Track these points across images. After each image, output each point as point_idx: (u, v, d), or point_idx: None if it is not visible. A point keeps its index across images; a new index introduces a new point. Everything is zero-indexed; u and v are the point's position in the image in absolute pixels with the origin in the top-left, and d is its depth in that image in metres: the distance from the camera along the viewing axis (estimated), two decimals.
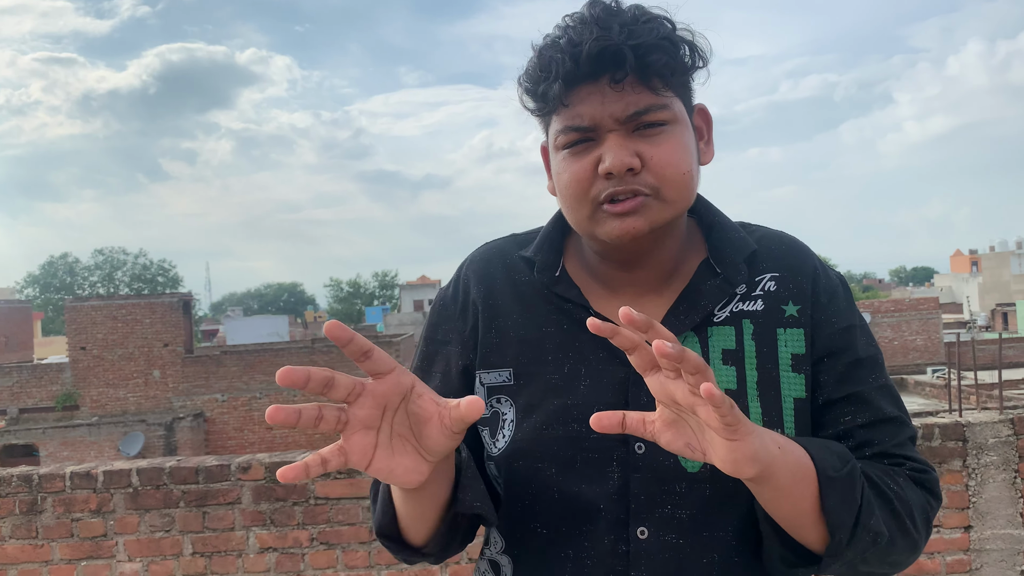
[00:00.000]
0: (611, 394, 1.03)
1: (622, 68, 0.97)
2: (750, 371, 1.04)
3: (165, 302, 23.23)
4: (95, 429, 20.72)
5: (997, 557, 3.74)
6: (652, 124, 1.00)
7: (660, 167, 0.99)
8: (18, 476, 3.58)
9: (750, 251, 1.09)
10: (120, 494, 3.57)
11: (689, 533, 1.01)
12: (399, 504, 1.01)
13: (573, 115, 1.00)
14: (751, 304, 1.07)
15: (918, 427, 3.74)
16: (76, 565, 3.56)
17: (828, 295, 1.10)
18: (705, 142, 1.11)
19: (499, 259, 1.17)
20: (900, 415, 1.09)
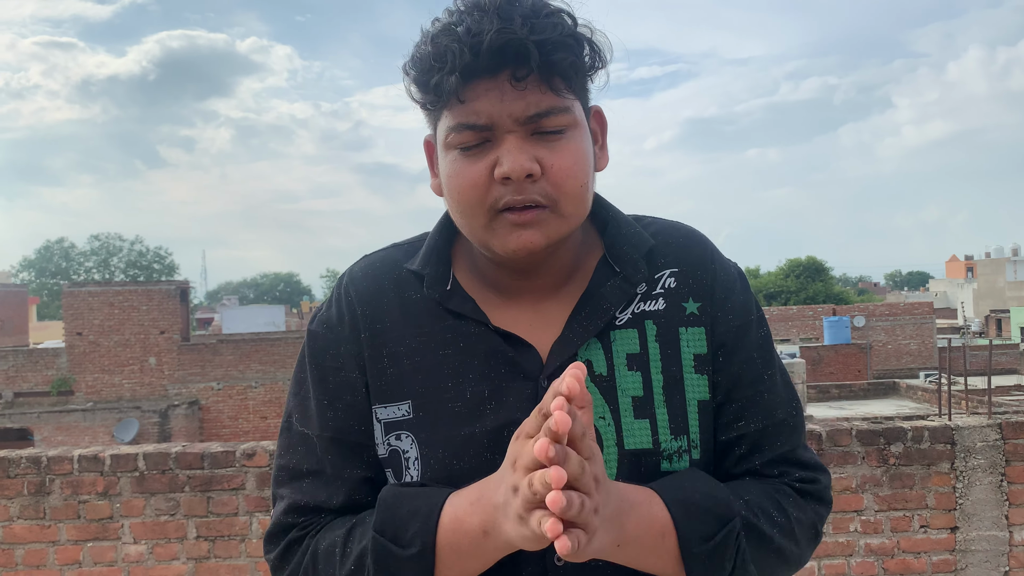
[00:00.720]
0: (520, 412, 0.94)
1: (525, 65, 0.90)
2: (655, 375, 1.00)
3: (162, 289, 23.25)
4: (90, 415, 20.76)
5: (982, 558, 3.83)
6: (552, 129, 0.94)
7: (559, 177, 0.93)
8: (27, 458, 3.65)
9: (648, 247, 1.04)
10: (127, 478, 3.65)
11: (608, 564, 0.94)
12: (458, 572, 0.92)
13: (469, 112, 0.92)
14: (652, 304, 1.02)
15: (908, 429, 3.83)
16: (82, 546, 3.64)
17: (725, 290, 1.06)
18: (600, 147, 1.05)
19: (384, 275, 1.07)
20: (790, 416, 1.06)
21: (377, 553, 0.92)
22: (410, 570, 0.90)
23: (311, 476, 1.03)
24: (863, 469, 3.79)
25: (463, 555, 0.89)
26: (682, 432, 0.99)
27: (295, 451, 1.05)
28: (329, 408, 1.03)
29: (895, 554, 3.82)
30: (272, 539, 1.04)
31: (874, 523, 3.80)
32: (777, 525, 0.98)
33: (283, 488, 1.05)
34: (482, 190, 0.94)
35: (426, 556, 0.89)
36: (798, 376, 12.19)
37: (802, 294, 45.27)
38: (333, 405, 1.03)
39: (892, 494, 3.80)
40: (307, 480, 1.03)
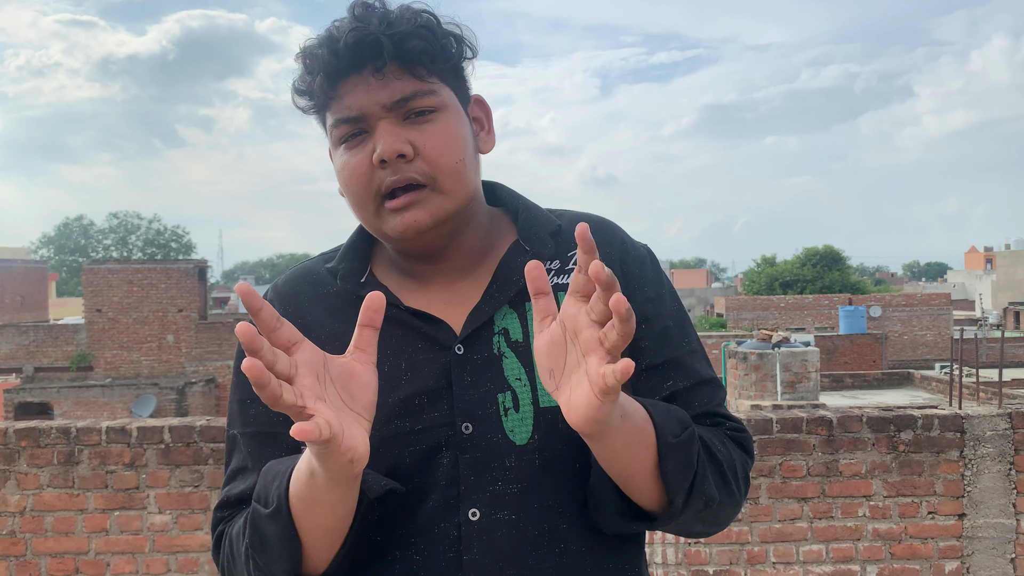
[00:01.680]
0: (433, 379, 1.02)
1: (380, 56, 0.97)
2: None
3: (180, 268, 23.46)
4: (108, 390, 21.03)
5: (989, 545, 3.88)
6: (422, 112, 1.00)
7: (433, 155, 0.99)
8: (57, 428, 3.76)
9: (555, 227, 1.11)
10: (153, 449, 3.76)
11: (520, 507, 0.99)
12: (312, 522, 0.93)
13: (342, 107, 1.00)
14: (565, 278, 1.08)
15: (918, 416, 3.88)
16: (109, 515, 3.75)
17: (637, 265, 1.12)
18: (486, 132, 1.12)
19: (304, 278, 1.14)
20: (714, 376, 1.13)
21: (252, 517, 0.97)
22: (272, 526, 0.94)
23: (239, 473, 1.09)
24: (872, 455, 3.85)
25: (308, 502, 0.92)
26: None
27: (229, 455, 1.13)
28: (251, 406, 1.08)
29: (902, 539, 3.88)
30: (213, 528, 1.10)
31: (882, 508, 3.86)
32: (721, 453, 1.05)
33: (224, 489, 1.11)
34: (366, 177, 1.00)
35: (281, 510, 0.93)
36: (811, 365, 12.20)
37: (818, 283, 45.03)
38: (255, 403, 1.07)
39: (901, 480, 3.86)
40: (237, 477, 1.09)
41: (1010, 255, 72.44)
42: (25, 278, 35.55)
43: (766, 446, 3.82)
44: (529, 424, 1.01)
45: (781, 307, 34.43)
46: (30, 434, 3.76)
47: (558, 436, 1.00)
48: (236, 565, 1.02)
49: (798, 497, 3.84)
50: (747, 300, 36.56)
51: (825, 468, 3.84)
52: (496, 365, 1.02)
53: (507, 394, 1.01)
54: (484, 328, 1.04)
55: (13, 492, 3.73)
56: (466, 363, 1.02)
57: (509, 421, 1.01)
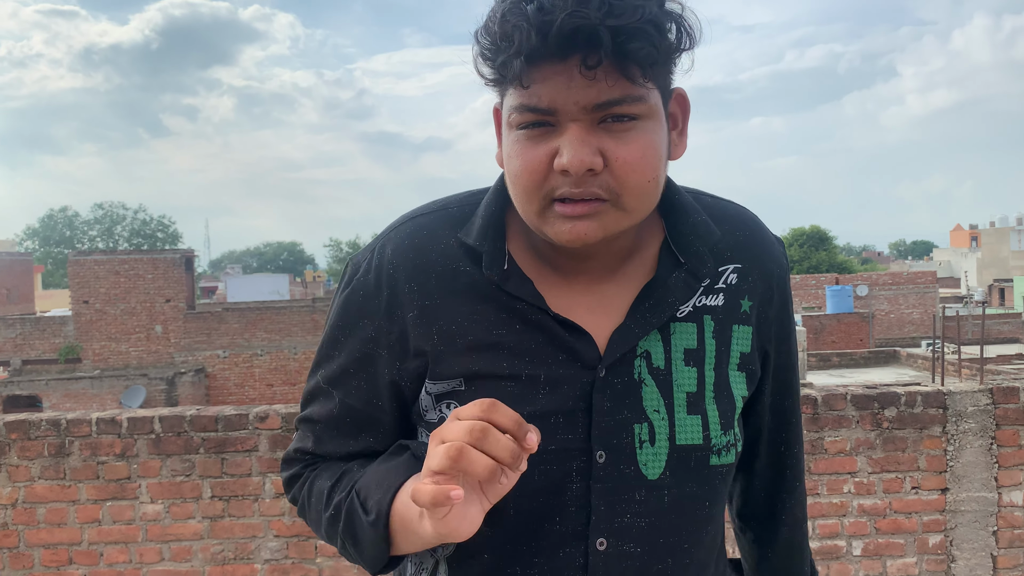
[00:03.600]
0: (572, 400, 0.96)
1: (596, 52, 0.83)
2: (708, 372, 1.00)
3: (167, 258, 23.37)
4: (97, 382, 20.99)
5: (971, 518, 3.95)
6: (621, 117, 0.87)
7: (625, 171, 0.88)
8: (47, 420, 3.77)
9: (715, 240, 1.02)
10: (143, 440, 3.77)
11: (646, 541, 0.97)
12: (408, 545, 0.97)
13: (532, 95, 0.87)
14: (713, 299, 1.01)
15: (901, 394, 3.94)
16: (101, 505, 3.77)
17: (781, 288, 1.08)
18: (679, 132, 0.99)
19: (433, 247, 1.01)
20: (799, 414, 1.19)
21: (349, 511, 0.98)
22: (368, 534, 0.96)
23: (322, 426, 1.07)
24: (857, 432, 3.90)
25: (405, 533, 0.93)
26: (729, 428, 1.00)
27: (316, 400, 1.09)
28: (353, 377, 1.03)
29: (887, 514, 3.94)
30: (284, 463, 1.13)
31: (867, 484, 3.92)
32: None
33: (301, 425, 1.11)
34: (539, 177, 0.89)
35: (378, 525, 0.94)
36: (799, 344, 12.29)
37: (805, 263, 45.31)
38: (357, 375, 1.03)
39: (885, 456, 3.92)
40: (319, 427, 1.07)
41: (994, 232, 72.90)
42: (10, 271, 35.35)
43: None
44: (663, 460, 0.96)
45: None
46: (20, 426, 3.76)
47: (690, 475, 0.98)
48: (309, 517, 1.07)
49: None
50: None
51: (810, 446, 3.89)
52: (636, 392, 0.97)
53: (644, 426, 0.96)
54: (627, 351, 0.97)
55: (4, 485, 3.74)
56: (607, 387, 0.96)
57: (643, 454, 0.96)
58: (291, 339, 22.63)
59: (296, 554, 3.82)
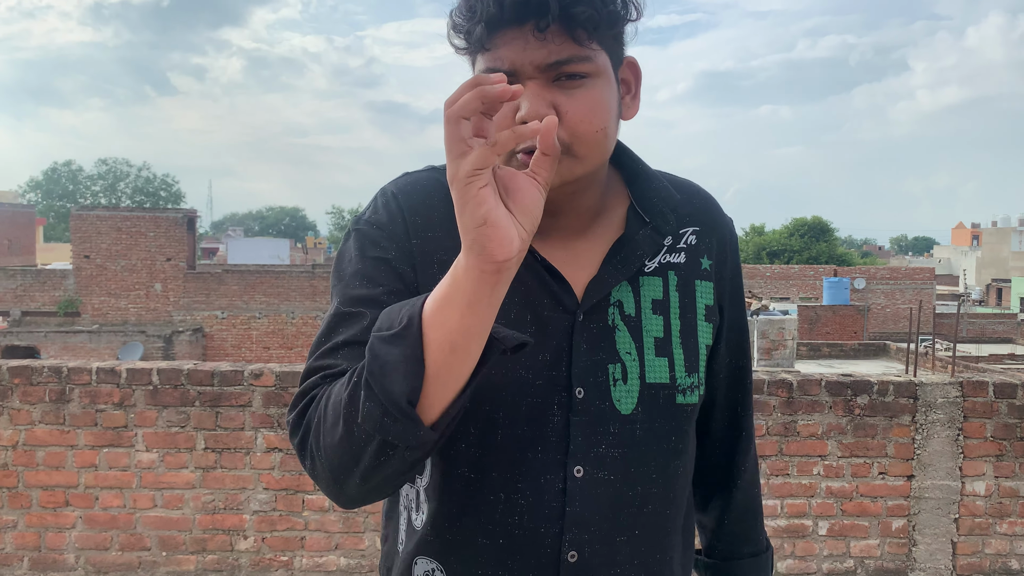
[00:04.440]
0: (556, 340, 1.06)
1: (545, 17, 0.96)
2: (674, 320, 1.12)
3: (169, 217, 23.44)
4: (95, 336, 21.15)
5: (934, 505, 4.10)
6: (572, 75, 0.99)
7: (574, 122, 0.99)
8: (49, 368, 3.91)
9: (675, 203, 1.15)
10: (141, 390, 3.91)
11: (619, 469, 1.06)
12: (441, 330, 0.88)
13: (495, 58, 0.99)
14: (676, 256, 1.14)
15: (874, 382, 4.07)
16: (98, 451, 3.91)
17: (732, 253, 1.21)
18: (632, 96, 1.11)
19: (434, 191, 1.10)
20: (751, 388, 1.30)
21: (371, 345, 0.90)
22: (396, 347, 0.88)
23: (349, 346, 1.02)
24: (829, 417, 4.04)
25: (441, 302, 0.88)
26: (694, 371, 1.11)
27: (335, 331, 1.04)
28: (382, 293, 1.05)
29: (854, 497, 4.09)
30: (294, 406, 1.01)
31: (836, 468, 4.07)
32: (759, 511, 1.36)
33: (317, 362, 1.03)
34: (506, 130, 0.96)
35: (412, 325, 0.88)
36: (788, 333, 12.44)
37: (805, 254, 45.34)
38: (386, 291, 1.05)
39: (855, 442, 4.06)
40: (345, 349, 1.02)
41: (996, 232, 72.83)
42: (12, 222, 35.40)
43: None
44: (635, 396, 1.07)
45: (767, 276, 34.68)
46: (23, 372, 3.90)
47: (658, 411, 1.08)
48: (326, 423, 0.94)
49: (758, 455, 4.03)
50: None
51: (783, 428, 4.03)
52: (610, 337, 1.07)
53: (617, 366, 1.07)
54: (602, 299, 1.08)
55: (6, 427, 3.88)
56: (584, 331, 1.06)
57: (617, 391, 1.06)
58: (289, 303, 22.78)
59: (284, 507, 3.97)
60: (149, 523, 3.95)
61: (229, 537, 3.99)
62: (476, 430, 1.04)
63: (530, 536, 1.05)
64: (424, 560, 1.10)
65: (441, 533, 1.08)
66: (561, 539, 1.05)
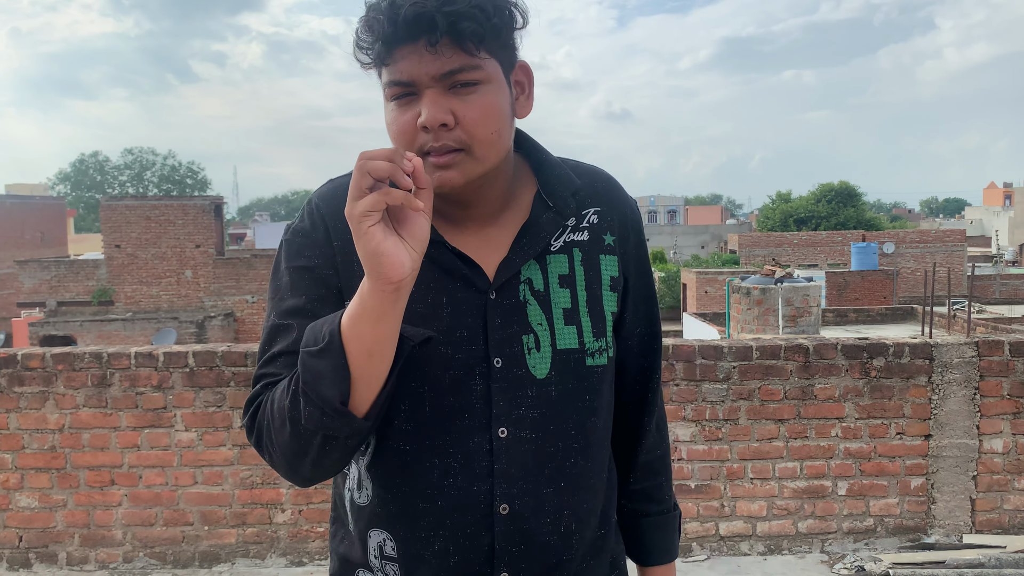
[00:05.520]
0: (471, 318, 1.17)
1: (434, 33, 1.05)
2: (580, 291, 1.23)
3: (197, 204, 23.74)
4: (129, 324, 21.55)
5: (952, 463, 4.17)
6: (466, 83, 1.09)
7: (471, 125, 1.09)
8: (90, 354, 4.08)
9: (575, 187, 1.26)
10: (178, 373, 4.07)
11: (539, 428, 1.18)
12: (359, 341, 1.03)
13: (395, 71, 1.09)
14: (579, 235, 1.25)
15: (890, 345, 4.14)
16: (140, 432, 4.09)
17: (634, 228, 1.32)
18: (526, 96, 1.22)
19: None
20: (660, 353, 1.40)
21: (302, 361, 1.05)
22: (323, 360, 1.03)
23: (284, 356, 1.15)
24: (846, 380, 4.12)
25: (354, 319, 1.02)
26: (601, 336, 1.23)
27: (272, 342, 1.17)
28: (307, 302, 1.17)
29: (872, 458, 4.17)
30: (245, 412, 1.17)
31: (854, 429, 4.15)
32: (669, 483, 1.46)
33: (260, 370, 1.17)
34: (410, 136, 1.10)
35: (333, 341, 1.03)
36: (812, 300, 12.44)
37: (833, 219, 44.88)
38: (310, 299, 1.17)
39: (872, 404, 4.13)
40: (281, 358, 1.15)
41: None
42: (44, 214, 35.97)
43: (746, 372, 4.09)
44: (548, 362, 1.19)
45: (794, 243, 34.47)
46: (66, 358, 4.07)
47: (571, 374, 1.20)
48: (274, 424, 1.09)
49: (775, 419, 4.13)
50: (760, 236, 36.55)
51: (801, 392, 4.12)
52: (521, 311, 1.19)
53: (530, 336, 1.18)
54: (512, 277, 1.19)
55: (52, 411, 4.07)
56: (497, 307, 1.18)
57: (532, 359, 1.18)
58: None
59: None
60: (191, 499, 4.12)
61: (267, 511, 4.15)
62: (406, 406, 1.16)
63: (464, 495, 1.17)
64: (376, 532, 1.22)
65: (386, 504, 1.20)
66: (492, 494, 1.17)
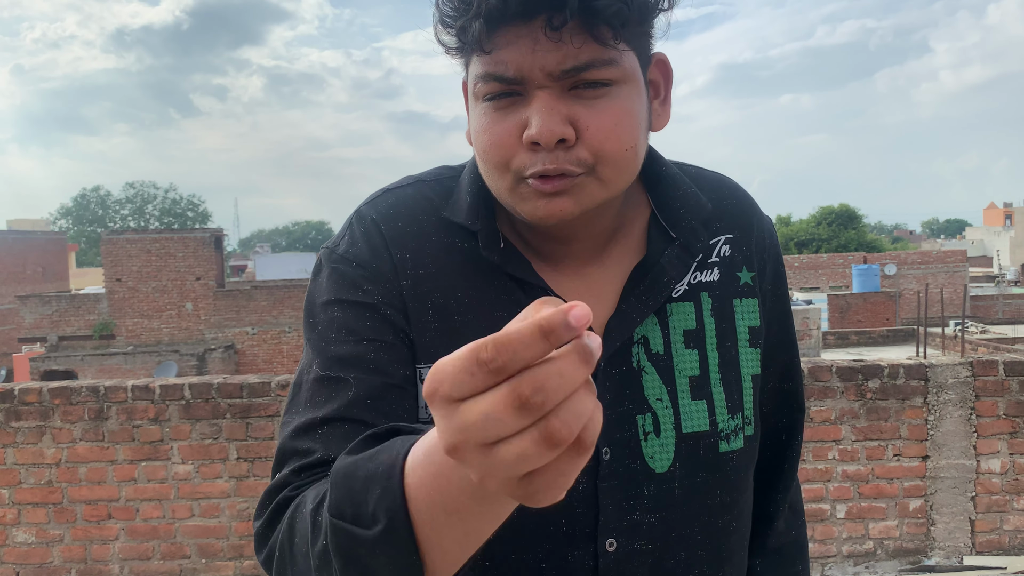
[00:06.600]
0: None
1: (561, 11, 0.75)
2: (711, 352, 0.93)
3: (197, 237, 23.84)
4: (130, 358, 21.56)
5: (950, 484, 4.17)
6: (594, 83, 0.80)
7: (598, 140, 0.80)
8: (87, 387, 4.09)
9: (707, 212, 0.95)
10: (175, 405, 4.08)
11: (657, 537, 0.90)
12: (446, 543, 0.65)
13: (496, 62, 0.79)
14: (708, 274, 0.94)
15: (884, 366, 4.15)
16: (137, 465, 4.09)
17: (774, 260, 1.01)
18: (661, 101, 0.91)
19: (424, 216, 0.92)
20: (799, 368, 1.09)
21: (338, 542, 0.68)
22: (385, 554, 0.66)
23: (329, 424, 0.83)
24: (842, 403, 4.12)
25: (449, 510, 0.62)
26: (737, 410, 0.94)
27: (313, 402, 0.85)
28: (368, 349, 0.86)
29: (870, 480, 4.16)
30: (262, 507, 0.83)
31: (851, 452, 4.15)
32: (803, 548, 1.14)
33: (292, 442, 0.84)
34: (508, 152, 0.81)
35: (398, 529, 0.64)
36: (812, 323, 12.47)
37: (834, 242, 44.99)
38: (373, 345, 0.86)
39: (868, 426, 4.14)
40: (323, 429, 0.83)
41: None
42: (45, 249, 36.11)
43: None
44: (671, 451, 0.90)
45: (795, 267, 34.51)
46: (62, 392, 4.09)
47: (699, 464, 0.91)
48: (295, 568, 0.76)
49: None
50: None
51: None
52: (636, 382, 0.90)
53: (647, 416, 0.90)
54: (628, 341, 0.90)
55: (49, 445, 4.08)
56: (606, 379, 0.88)
57: (649, 447, 0.89)
58: None
59: None
60: (188, 532, 4.12)
61: None
62: None
63: None
64: None
65: None
66: None
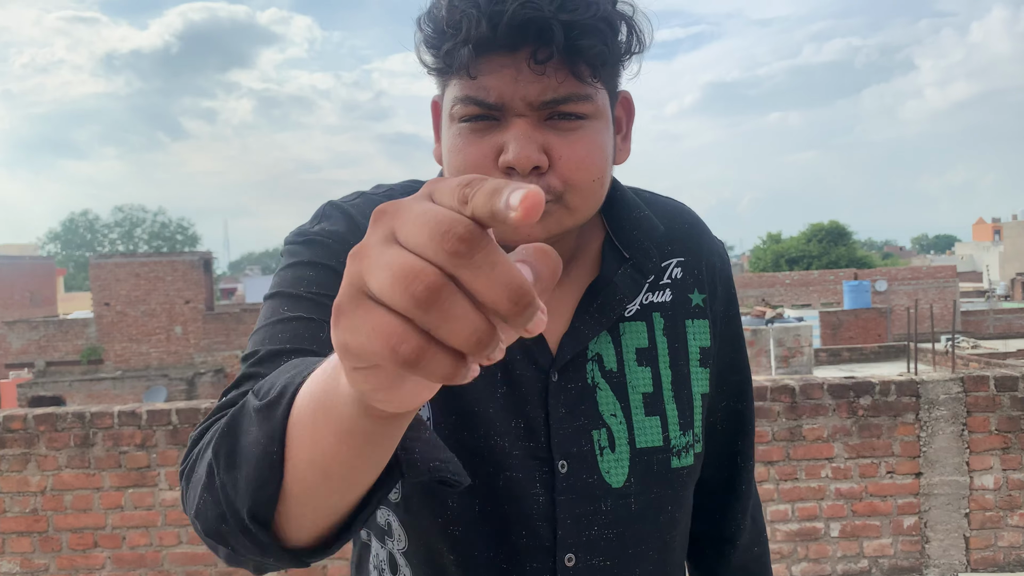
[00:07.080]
0: (531, 405, 0.91)
1: (547, 46, 0.79)
2: (664, 370, 0.96)
3: (186, 260, 23.77)
4: (119, 383, 21.40)
5: (944, 501, 4.15)
6: (569, 115, 0.84)
7: (569, 170, 0.84)
8: (72, 413, 4.04)
9: (659, 233, 0.98)
10: (162, 431, 4.04)
11: (614, 552, 0.93)
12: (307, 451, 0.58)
13: (479, 87, 0.82)
14: (660, 295, 0.98)
15: (875, 383, 4.13)
16: (123, 492, 4.04)
17: (724, 282, 1.04)
18: (623, 137, 0.95)
19: None
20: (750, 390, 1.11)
21: (233, 414, 0.65)
22: (257, 426, 0.61)
23: (295, 354, 0.79)
24: (834, 420, 4.10)
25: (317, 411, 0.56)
26: (688, 427, 0.97)
27: (275, 338, 0.82)
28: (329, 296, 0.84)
29: (863, 497, 4.14)
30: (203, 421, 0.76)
31: (844, 469, 4.13)
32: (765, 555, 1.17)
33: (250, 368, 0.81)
34: (483, 173, 0.82)
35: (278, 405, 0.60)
36: (804, 340, 12.48)
37: (824, 259, 45.12)
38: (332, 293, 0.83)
39: (861, 443, 4.12)
40: (287, 358, 0.78)
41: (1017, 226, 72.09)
42: (33, 274, 35.92)
43: None
44: (625, 466, 0.93)
45: (786, 284, 34.57)
46: (47, 419, 4.04)
47: (653, 479, 0.94)
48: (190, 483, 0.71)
49: (764, 461, 4.10)
50: (752, 277, 36.68)
51: (789, 433, 4.10)
52: (590, 397, 0.93)
53: (602, 431, 0.92)
54: (578, 353, 0.93)
55: (34, 473, 4.02)
56: (561, 392, 0.92)
57: (605, 462, 0.92)
58: None
59: None
60: (176, 559, 4.06)
61: None
62: (455, 504, 0.90)
63: None
64: None
65: None
66: None
